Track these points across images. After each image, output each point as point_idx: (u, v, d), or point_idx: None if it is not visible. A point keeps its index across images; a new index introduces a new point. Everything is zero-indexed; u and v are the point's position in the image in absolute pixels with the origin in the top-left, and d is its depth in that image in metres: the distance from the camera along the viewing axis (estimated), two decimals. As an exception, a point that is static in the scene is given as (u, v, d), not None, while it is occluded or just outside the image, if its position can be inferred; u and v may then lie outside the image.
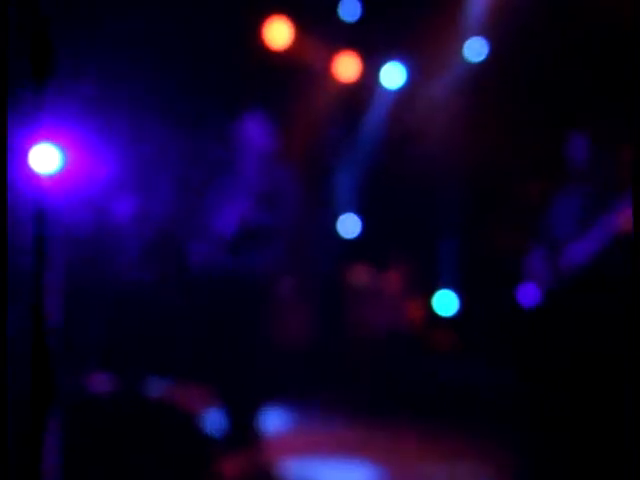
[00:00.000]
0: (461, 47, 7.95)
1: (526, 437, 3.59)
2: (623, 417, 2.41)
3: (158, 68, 7.28)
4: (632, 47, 2.25)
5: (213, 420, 3.28)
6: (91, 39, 7.13)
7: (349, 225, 8.29)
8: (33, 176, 2.60)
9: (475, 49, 7.87)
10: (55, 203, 2.72)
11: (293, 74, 8.31)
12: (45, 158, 2.86)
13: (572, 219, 3.66)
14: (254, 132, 4.16)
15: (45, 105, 2.48)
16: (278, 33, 8.20)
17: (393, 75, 8.62)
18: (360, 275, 7.00)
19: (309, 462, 3.86)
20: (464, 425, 5.23)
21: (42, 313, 2.23)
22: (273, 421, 4.54)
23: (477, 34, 7.83)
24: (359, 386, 6.11)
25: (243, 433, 3.68)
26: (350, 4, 8.13)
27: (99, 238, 6.23)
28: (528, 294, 3.79)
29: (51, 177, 2.76)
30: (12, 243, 2.45)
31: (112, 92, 7.03)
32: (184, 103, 7.33)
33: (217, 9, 7.26)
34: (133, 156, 7.30)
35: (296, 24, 8.14)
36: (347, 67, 8.61)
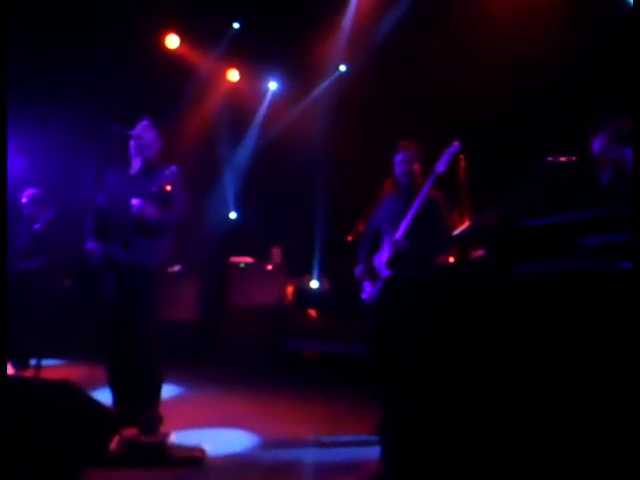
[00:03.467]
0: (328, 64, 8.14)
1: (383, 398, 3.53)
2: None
3: (65, 75, 6.90)
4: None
5: (103, 397, 3.14)
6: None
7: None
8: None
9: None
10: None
11: (185, 78, 8.13)
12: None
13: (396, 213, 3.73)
14: (144, 136, 3.90)
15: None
16: (172, 43, 7.99)
17: (272, 84, 8.66)
18: (243, 260, 6.95)
19: (193, 432, 3.68)
20: (330, 391, 5.23)
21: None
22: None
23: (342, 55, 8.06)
24: (237, 357, 6.03)
25: (131, 408, 3.57)
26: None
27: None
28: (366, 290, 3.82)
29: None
30: None
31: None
32: (85, 107, 7.00)
33: (119, 21, 6.96)
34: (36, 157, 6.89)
35: (187, 35, 7.99)
36: (233, 74, 8.54)
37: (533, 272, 2.06)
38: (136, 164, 3.89)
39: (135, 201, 3.59)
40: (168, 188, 3.68)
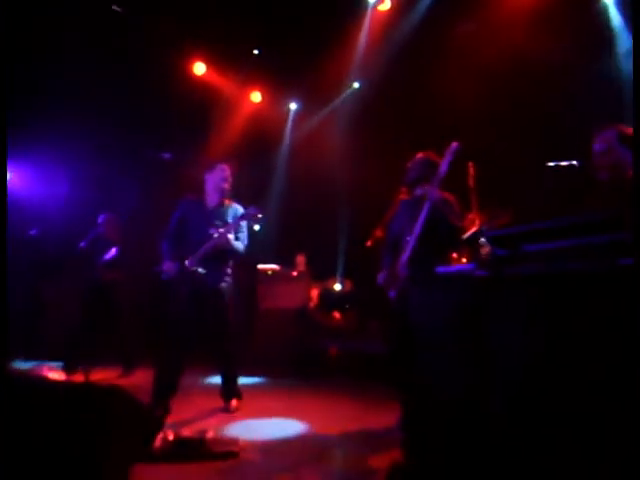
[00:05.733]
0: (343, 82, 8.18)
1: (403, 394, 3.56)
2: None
3: (100, 105, 7.03)
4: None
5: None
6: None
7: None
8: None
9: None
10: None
11: (212, 102, 8.24)
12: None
13: (408, 219, 3.73)
14: (225, 178, 4.20)
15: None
16: (199, 70, 8.12)
17: (292, 104, 8.74)
18: (270, 268, 6.98)
19: (230, 425, 3.78)
20: (354, 387, 5.24)
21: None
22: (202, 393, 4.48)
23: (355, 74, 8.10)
24: (267, 357, 6.00)
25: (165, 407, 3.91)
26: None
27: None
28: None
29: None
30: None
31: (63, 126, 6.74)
32: (117, 131, 7.11)
33: (151, 51, 7.10)
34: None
35: (214, 62, 8.11)
36: (256, 96, 8.63)
37: (535, 273, 2.07)
38: (213, 198, 4.23)
39: (218, 230, 4.00)
40: (243, 223, 4.11)
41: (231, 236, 4.02)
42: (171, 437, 3.18)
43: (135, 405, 3.01)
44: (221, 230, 4.00)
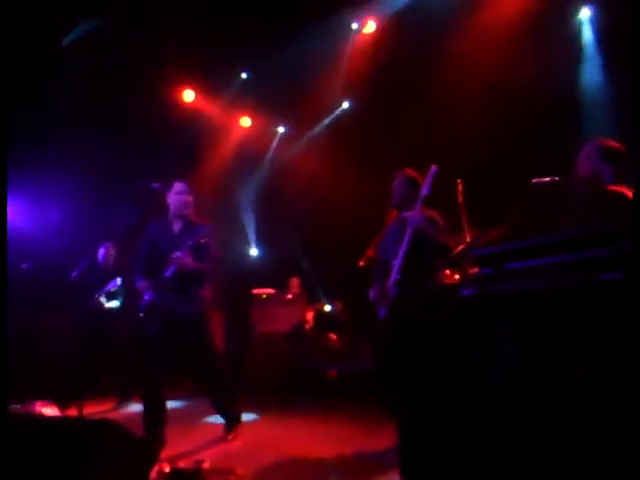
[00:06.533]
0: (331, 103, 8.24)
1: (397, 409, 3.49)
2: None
3: (89, 134, 7.06)
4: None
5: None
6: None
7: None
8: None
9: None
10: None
11: (200, 126, 8.28)
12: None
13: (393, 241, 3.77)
14: (182, 198, 4.09)
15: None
16: (188, 97, 8.19)
17: (280, 128, 8.79)
18: (265, 291, 7.04)
19: (225, 455, 3.73)
20: (353, 409, 5.16)
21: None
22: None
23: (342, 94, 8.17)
24: (263, 380, 5.98)
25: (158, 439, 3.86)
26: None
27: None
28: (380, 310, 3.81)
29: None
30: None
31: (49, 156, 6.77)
32: (110, 159, 7.13)
33: (140, 79, 7.18)
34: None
35: (202, 89, 8.18)
36: (245, 120, 8.69)
37: (520, 290, 2.09)
38: (178, 223, 4.15)
39: (176, 253, 3.89)
40: (202, 241, 3.96)
41: (189, 259, 3.91)
42: (167, 469, 3.15)
43: (128, 439, 3.00)
44: (177, 255, 3.88)
